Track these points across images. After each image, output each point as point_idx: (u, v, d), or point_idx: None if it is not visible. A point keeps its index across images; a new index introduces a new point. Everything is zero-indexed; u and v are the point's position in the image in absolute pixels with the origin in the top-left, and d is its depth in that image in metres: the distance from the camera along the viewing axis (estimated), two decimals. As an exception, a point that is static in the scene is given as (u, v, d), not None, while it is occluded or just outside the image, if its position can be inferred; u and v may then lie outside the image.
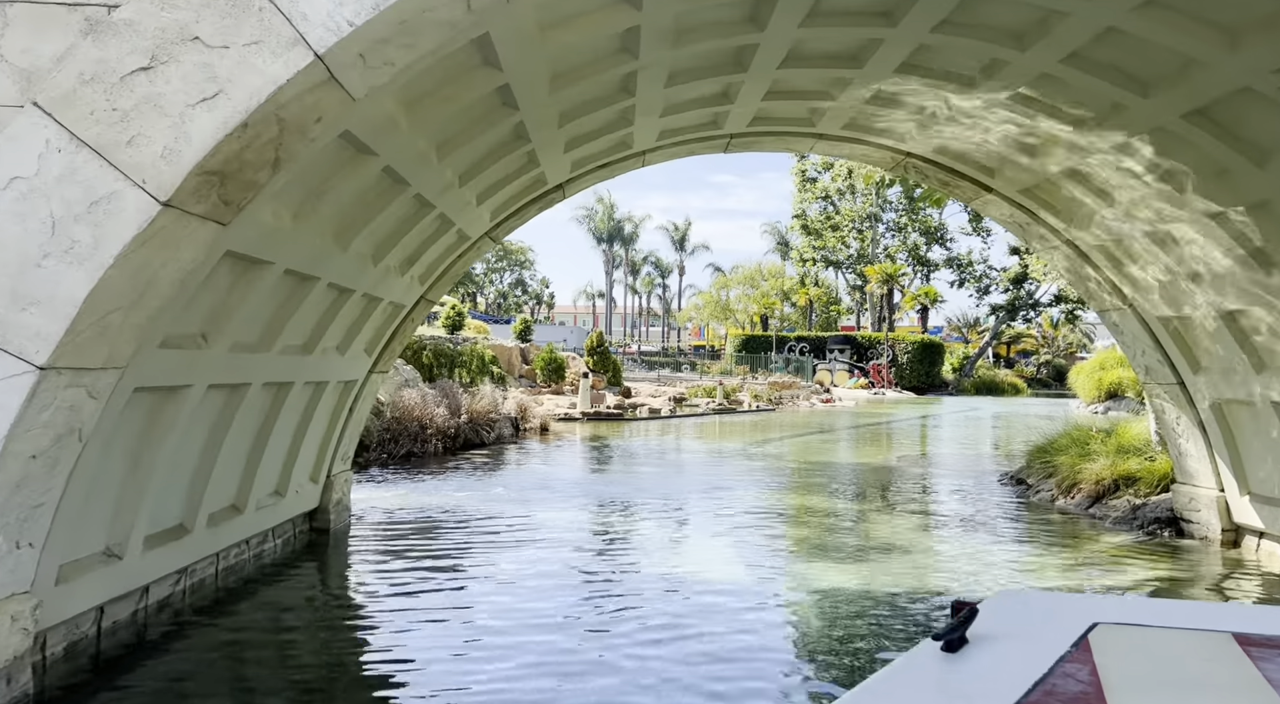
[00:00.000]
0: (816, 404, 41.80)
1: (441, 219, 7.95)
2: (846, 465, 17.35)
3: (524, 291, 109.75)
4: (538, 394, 31.50)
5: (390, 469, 15.02)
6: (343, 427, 9.26)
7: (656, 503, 12.13)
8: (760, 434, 25.49)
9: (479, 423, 19.65)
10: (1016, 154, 8.36)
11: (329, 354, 7.89)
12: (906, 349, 65.71)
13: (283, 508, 8.19)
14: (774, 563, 9.00)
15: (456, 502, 11.72)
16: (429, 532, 9.87)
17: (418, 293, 9.24)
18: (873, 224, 76.94)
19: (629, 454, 19.54)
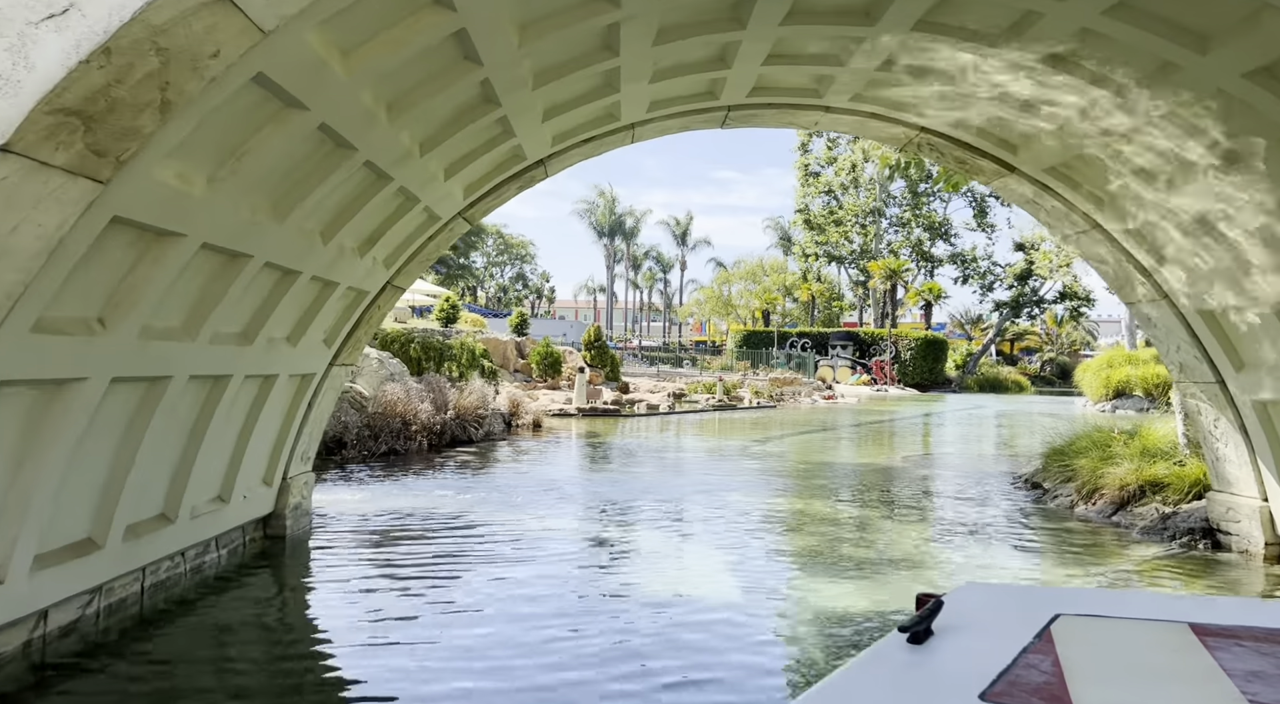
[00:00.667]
0: (818, 401, 40.97)
1: (403, 195, 7.12)
2: (850, 466, 16.52)
3: (525, 285, 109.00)
4: (533, 389, 30.69)
5: (369, 467, 14.21)
6: (300, 424, 8.44)
7: (650, 508, 11.31)
8: (761, 432, 24.67)
9: (467, 419, 18.84)
10: (1045, 127, 7.52)
11: (277, 345, 7.07)
12: (910, 345, 64.87)
13: (227, 515, 7.38)
14: (776, 579, 8.17)
15: (432, 504, 10.91)
16: (398, 539, 9.06)
17: (383, 278, 8.41)
18: (876, 219, 76.07)
19: (623, 452, 18.73)
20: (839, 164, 76.49)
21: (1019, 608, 2.49)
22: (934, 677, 1.98)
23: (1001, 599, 2.71)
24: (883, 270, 67.25)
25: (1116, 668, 2.03)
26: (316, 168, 5.60)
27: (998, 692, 1.81)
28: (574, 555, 8.62)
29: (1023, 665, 1.97)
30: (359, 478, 13.10)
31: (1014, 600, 2.68)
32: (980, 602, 2.57)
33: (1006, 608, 2.52)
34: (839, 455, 18.71)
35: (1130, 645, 2.19)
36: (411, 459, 15.73)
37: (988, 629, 2.27)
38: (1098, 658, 2.08)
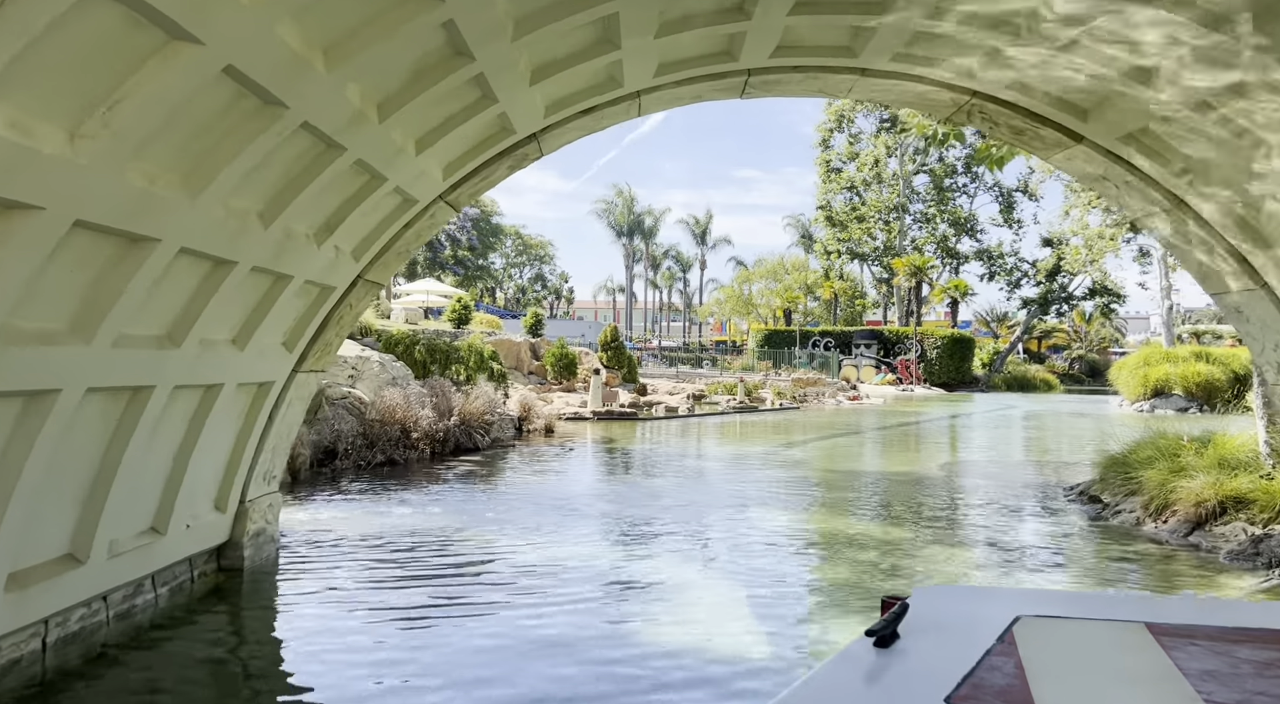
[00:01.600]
0: (843, 402, 39.66)
1: (364, 171, 6.02)
2: (882, 476, 15.29)
3: (544, 286, 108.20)
4: (547, 392, 29.65)
5: (362, 480, 13.16)
6: (260, 440, 7.36)
7: (669, 529, 10.15)
8: (784, 436, 23.46)
9: (472, 425, 17.76)
10: (1127, 84, 6.31)
11: (216, 349, 5.99)
12: (936, 344, 63.33)
13: (165, 548, 6.31)
14: (807, 626, 6.99)
15: (424, 524, 9.82)
16: (379, 568, 7.97)
17: (352, 271, 7.32)
18: (899, 215, 74.56)
19: (640, 460, 17.59)
20: (861, 159, 75.05)
21: (982, 610, 2.52)
22: (900, 681, 1.99)
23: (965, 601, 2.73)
24: (907, 267, 65.72)
25: (1076, 669, 2.08)
26: (236, 128, 4.51)
27: (962, 695, 1.85)
28: (584, 596, 7.37)
29: (986, 668, 2.02)
30: (348, 492, 12.04)
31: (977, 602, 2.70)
32: (944, 604, 2.60)
33: (970, 610, 2.55)
34: (869, 463, 17.47)
35: (1089, 646, 2.24)
36: (410, 470, 14.67)
37: (952, 632, 2.30)
38: (1058, 659, 2.13)
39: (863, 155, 75.30)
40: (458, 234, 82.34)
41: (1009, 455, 19.78)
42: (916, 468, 16.31)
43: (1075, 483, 12.99)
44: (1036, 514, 11.38)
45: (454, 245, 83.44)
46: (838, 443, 21.98)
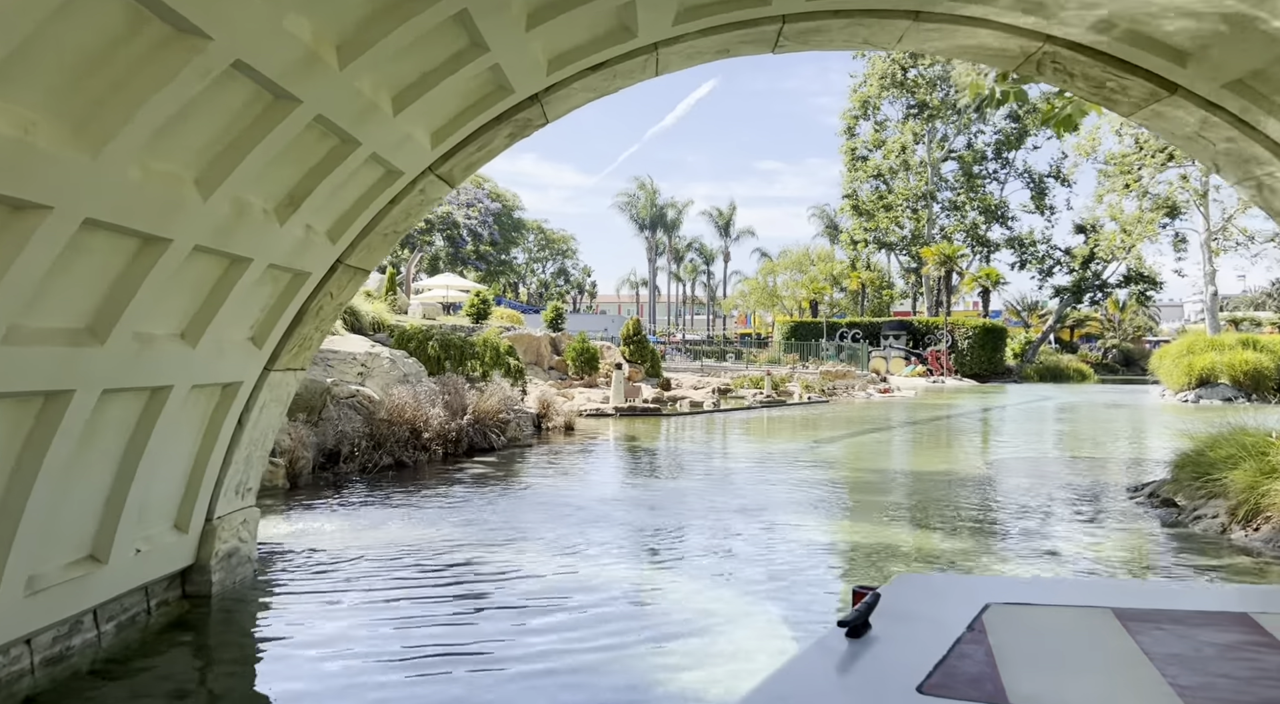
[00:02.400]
0: (873, 394, 38.46)
1: (329, 131, 5.07)
2: (927, 475, 14.19)
3: (566, 281, 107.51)
4: (568, 387, 28.76)
5: (366, 485, 12.27)
6: (229, 449, 6.45)
7: (696, 542, 9.14)
8: (815, 432, 22.39)
9: (487, 423, 16.85)
10: (1246, 15, 5.23)
11: (160, 345, 5.06)
12: (967, 334, 61.87)
13: (109, 579, 5.40)
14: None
15: (427, 536, 8.90)
16: (370, 592, 7.05)
17: (328, 255, 6.38)
18: (928, 203, 73.03)
19: (664, 460, 16.61)
20: (888, 146, 73.56)
21: (952, 598, 2.51)
22: (873, 670, 1.99)
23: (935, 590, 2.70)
24: (936, 256, 64.23)
25: (1045, 655, 2.11)
26: (143, 64, 3.56)
27: (934, 683, 1.86)
28: (604, 629, 6.38)
29: (957, 655, 2.03)
30: (349, 499, 11.15)
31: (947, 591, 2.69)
32: (915, 593, 2.62)
33: (940, 599, 2.54)
34: (910, 461, 16.36)
35: (1058, 632, 2.27)
36: (420, 473, 13.77)
37: (923, 620, 2.31)
38: (1027, 645, 2.15)
39: (889, 142, 73.81)
40: (479, 229, 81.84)
41: (1057, 451, 18.59)
42: (961, 466, 15.20)
43: (1141, 483, 11.87)
44: (1104, 520, 10.28)
45: (476, 240, 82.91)
46: (872, 439, 20.89)
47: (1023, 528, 9.96)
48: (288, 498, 11.14)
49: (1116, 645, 2.15)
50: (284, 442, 12.42)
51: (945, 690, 1.85)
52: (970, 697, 1.84)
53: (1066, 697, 1.89)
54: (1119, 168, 59.25)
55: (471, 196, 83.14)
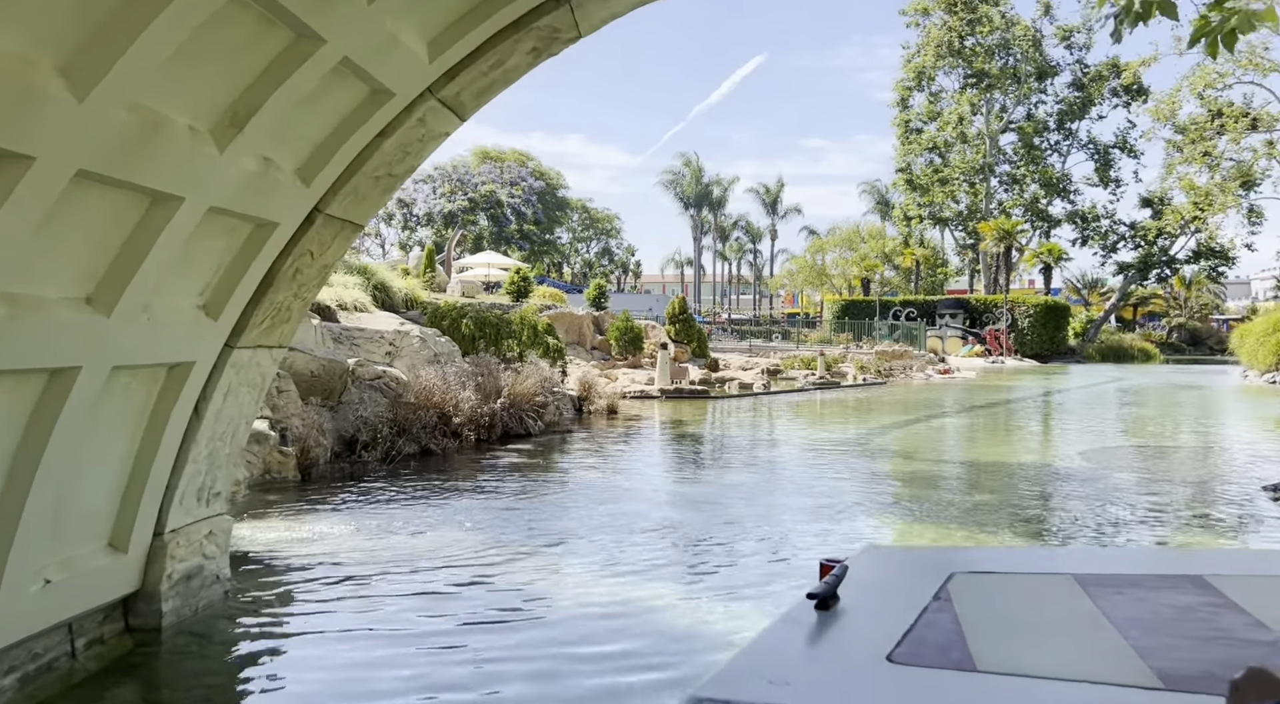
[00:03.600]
0: (933, 376, 36.59)
1: (279, 20, 3.69)
2: (1017, 470, 12.52)
3: (610, 260, 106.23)
4: (611, 368, 27.44)
5: (387, 476, 11.01)
6: (182, 446, 5.15)
7: (750, 554, 7.67)
8: (874, 416, 20.78)
9: (523, 407, 15.56)
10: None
11: (52, 313, 3.74)
12: (1027, 312, 59.34)
13: (7, 619, 4.13)
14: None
15: (445, 544, 7.58)
16: (364, 616, 5.74)
17: (302, 200, 5.01)
18: (985, 176, 70.23)
19: (713, 448, 15.17)
20: (944, 118, 70.81)
21: (918, 569, 2.55)
22: (843, 641, 2.02)
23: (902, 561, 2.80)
24: (995, 232, 61.57)
25: (1010, 621, 2.15)
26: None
27: (903, 652, 1.90)
28: (647, 678, 5.04)
29: (924, 624, 2.06)
30: (365, 494, 9.89)
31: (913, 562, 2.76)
32: (882, 565, 2.67)
33: (907, 570, 2.59)
34: (993, 451, 14.68)
35: (1022, 599, 2.34)
36: (448, 462, 12.51)
37: (890, 591, 2.38)
38: (993, 613, 2.20)
39: (945, 114, 71.03)
40: (523, 208, 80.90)
41: (1155, 440, 16.76)
42: (1051, 458, 13.52)
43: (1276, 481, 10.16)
44: (1244, 525, 8.64)
45: (520, 219, 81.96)
46: (942, 425, 19.23)
47: (1158, 537, 8.34)
48: (296, 492, 9.93)
49: (1078, 610, 2.19)
50: (295, 427, 11.21)
51: (914, 659, 1.88)
52: (938, 664, 1.87)
53: (1031, 661, 1.92)
54: (1193, 135, 56.21)
55: (515, 175, 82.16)
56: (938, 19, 68.53)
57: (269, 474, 10.43)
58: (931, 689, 1.83)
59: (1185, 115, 48.22)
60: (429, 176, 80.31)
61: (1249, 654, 1.86)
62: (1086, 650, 1.97)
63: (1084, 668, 1.88)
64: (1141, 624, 2.07)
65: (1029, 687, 1.82)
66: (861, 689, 1.84)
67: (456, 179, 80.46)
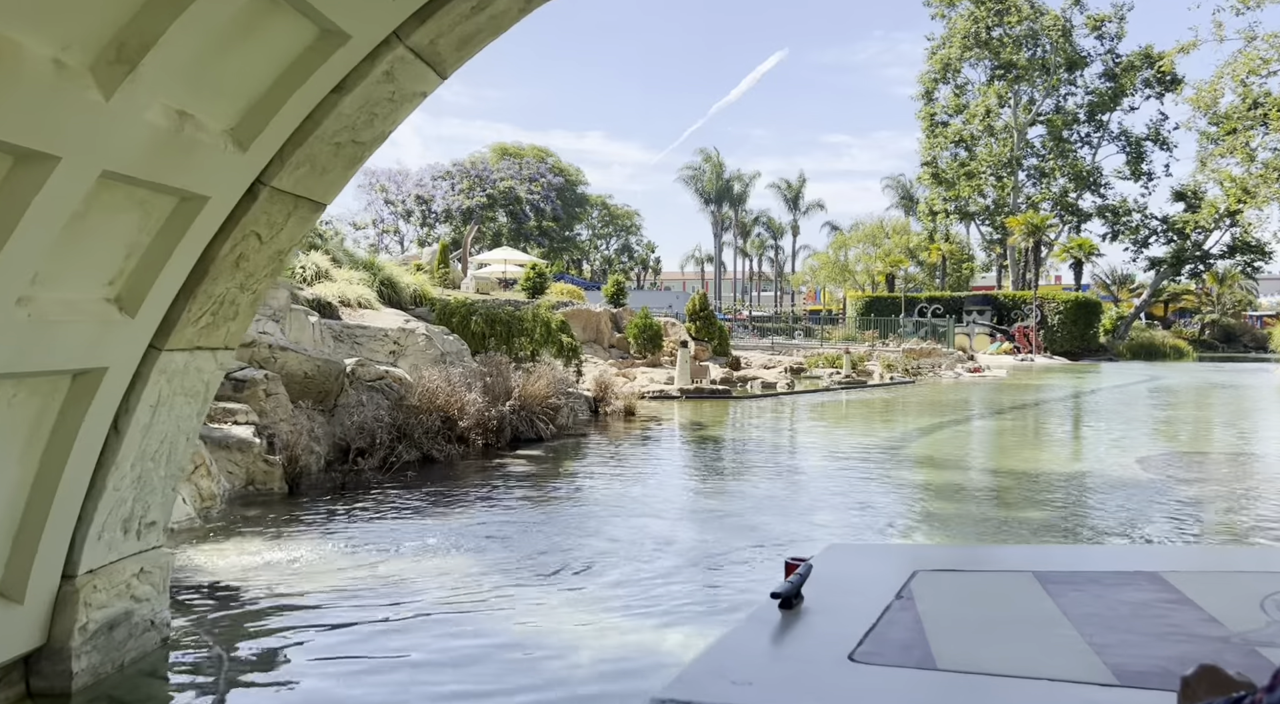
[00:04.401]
0: (963, 374, 35.38)
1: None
2: (1067, 479, 11.44)
3: (630, 257, 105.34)
4: (629, 367, 26.51)
5: (383, 487, 10.11)
6: (97, 470, 4.23)
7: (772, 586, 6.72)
8: (906, 418, 19.71)
9: (534, 409, 14.63)
10: None
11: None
12: (1057, 309, 57.88)
13: None
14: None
15: (427, 573, 6.64)
16: (329, 666, 4.81)
17: (241, 171, 4.06)
18: (1013, 170, 68.68)
19: (736, 455, 14.18)
20: (970, 111, 69.31)
21: (881, 567, 2.55)
22: (806, 640, 2.02)
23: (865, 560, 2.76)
24: (1024, 226, 60.07)
25: (971, 619, 2.17)
26: None
27: (865, 651, 1.91)
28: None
29: (887, 623, 2.07)
30: (351, 508, 8.97)
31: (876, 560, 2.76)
32: (846, 563, 2.65)
33: (870, 568, 2.59)
34: (1040, 458, 13.58)
35: (983, 596, 2.34)
36: (451, 469, 11.60)
37: (854, 590, 2.36)
38: (954, 611, 2.20)
39: (971, 106, 69.55)
40: (542, 204, 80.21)
41: (1214, 445, 15.61)
42: (1108, 465, 12.41)
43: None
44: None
45: (538, 216, 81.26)
46: (981, 428, 18.13)
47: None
48: (281, 506, 9.04)
49: (1037, 607, 2.19)
50: (284, 433, 10.33)
51: (876, 658, 1.88)
52: (900, 663, 1.88)
53: (990, 658, 1.92)
54: (1229, 125, 54.48)
55: (534, 171, 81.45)
56: (964, 9, 67.07)
57: (252, 485, 9.54)
58: (891, 688, 1.83)
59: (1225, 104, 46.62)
60: (447, 173, 79.75)
61: (1201, 650, 1.86)
62: (1045, 647, 1.97)
63: (1042, 665, 1.88)
64: (1099, 621, 2.08)
65: (987, 684, 1.82)
66: (822, 688, 1.83)
67: (475, 175, 79.82)
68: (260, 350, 11.27)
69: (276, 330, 11.59)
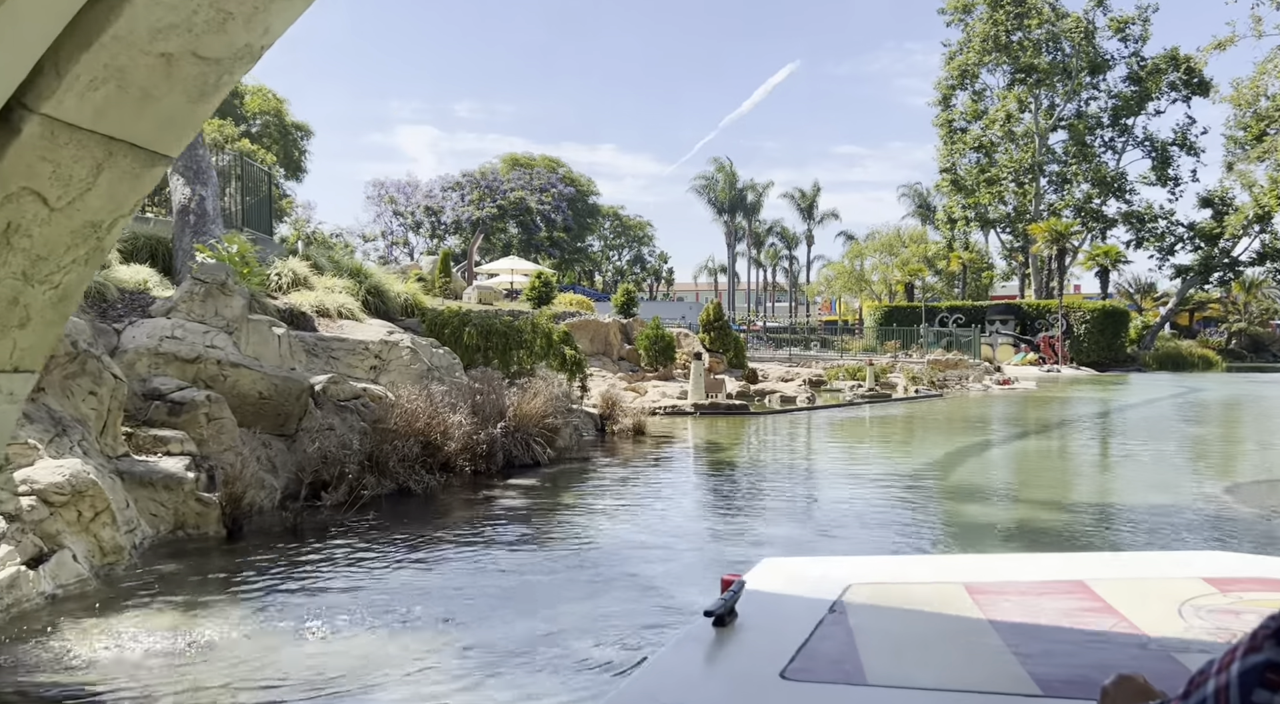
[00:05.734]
0: (991, 386, 33.58)
1: None
2: (1151, 513, 9.68)
3: (643, 268, 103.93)
4: (640, 380, 24.88)
5: (339, 529, 8.50)
6: None
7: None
8: (943, 436, 17.98)
9: (529, 431, 13.02)
10: None
11: None
12: (1084, 318, 55.92)
13: None
14: None
15: (369, 665, 5.03)
16: None
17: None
18: (1034, 176, 66.83)
19: (758, 483, 12.51)
20: (990, 116, 67.58)
21: (815, 582, 2.55)
22: (739, 658, 2.02)
23: (800, 574, 2.73)
24: (1048, 233, 58.18)
25: (901, 632, 2.15)
26: None
27: (796, 667, 1.90)
28: None
29: (819, 638, 2.05)
30: (297, 560, 7.35)
31: (810, 575, 2.72)
32: (781, 579, 2.63)
33: (804, 583, 2.58)
34: (1113, 488, 11.80)
35: (914, 609, 2.32)
36: (429, 505, 10.01)
37: (788, 605, 2.35)
38: (885, 624, 2.20)
39: (991, 111, 67.81)
40: (552, 214, 78.89)
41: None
42: (1190, 497, 10.65)
43: None
44: None
45: (549, 226, 79.93)
46: (1028, 449, 16.39)
47: None
48: (211, 558, 7.44)
49: (966, 618, 2.20)
50: (227, 466, 8.73)
51: (807, 674, 1.88)
52: (830, 678, 1.88)
53: (919, 672, 1.93)
54: (1256, 129, 52.57)
55: (545, 181, 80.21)
56: (982, 13, 65.44)
57: (182, 530, 7.95)
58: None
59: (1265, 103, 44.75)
60: (457, 184, 78.59)
61: (1121, 658, 1.88)
62: (972, 659, 1.98)
63: (968, 677, 1.89)
64: (1024, 631, 2.09)
65: (914, 699, 1.82)
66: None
67: (485, 186, 78.65)
68: (206, 367, 9.70)
69: (229, 344, 10.03)
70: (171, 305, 10.28)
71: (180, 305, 10.29)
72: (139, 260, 13.55)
